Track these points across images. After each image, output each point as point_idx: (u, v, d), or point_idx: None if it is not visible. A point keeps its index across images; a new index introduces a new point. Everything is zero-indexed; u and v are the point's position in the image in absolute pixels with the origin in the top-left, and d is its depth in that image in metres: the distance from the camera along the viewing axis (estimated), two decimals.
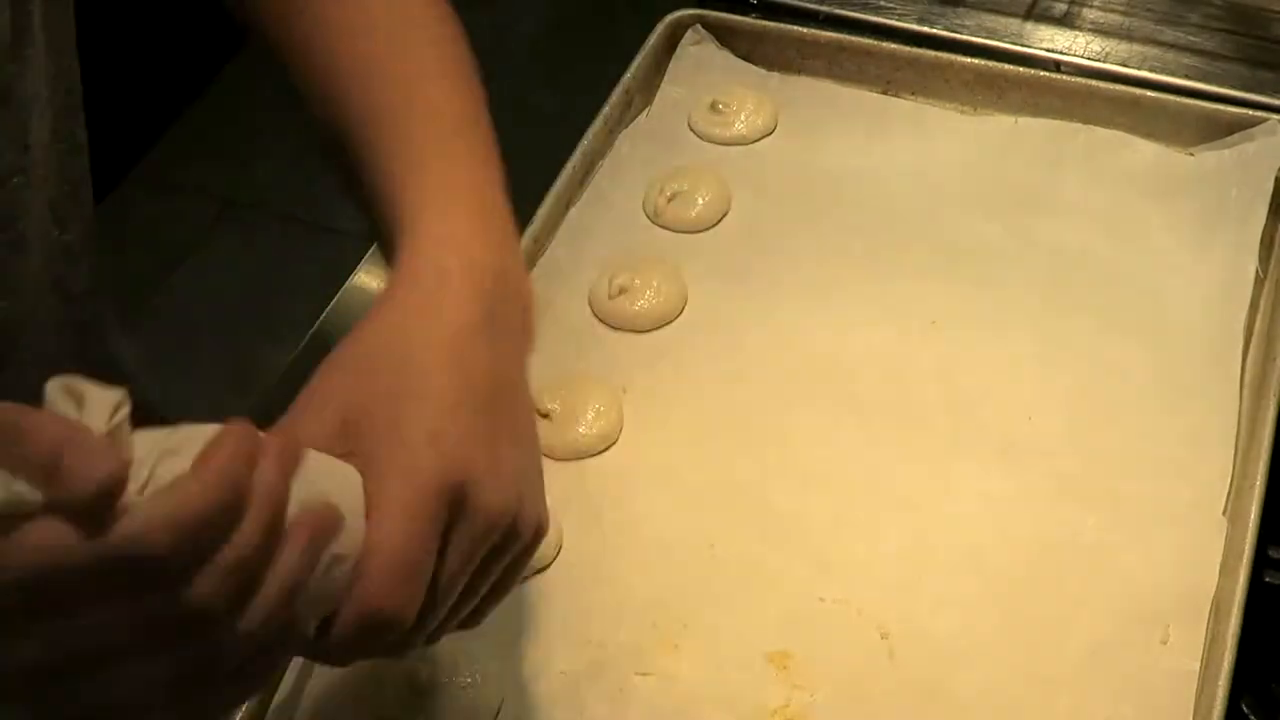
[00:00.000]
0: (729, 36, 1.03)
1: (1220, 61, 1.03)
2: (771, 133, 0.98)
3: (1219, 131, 0.93)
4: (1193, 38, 1.05)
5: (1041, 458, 0.78)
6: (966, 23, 1.07)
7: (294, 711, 0.70)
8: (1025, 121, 0.97)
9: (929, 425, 0.80)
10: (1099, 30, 1.07)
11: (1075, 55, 1.04)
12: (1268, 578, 0.75)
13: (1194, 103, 0.94)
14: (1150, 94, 0.95)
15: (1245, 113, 0.93)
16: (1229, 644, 0.67)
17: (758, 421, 0.81)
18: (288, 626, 0.48)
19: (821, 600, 0.73)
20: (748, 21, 1.03)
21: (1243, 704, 0.71)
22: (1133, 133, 0.94)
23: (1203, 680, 0.68)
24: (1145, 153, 0.94)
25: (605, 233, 0.92)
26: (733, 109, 0.98)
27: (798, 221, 0.92)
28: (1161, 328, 0.84)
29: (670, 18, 1.02)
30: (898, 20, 1.07)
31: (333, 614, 0.50)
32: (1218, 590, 0.71)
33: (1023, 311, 0.85)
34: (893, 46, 1.01)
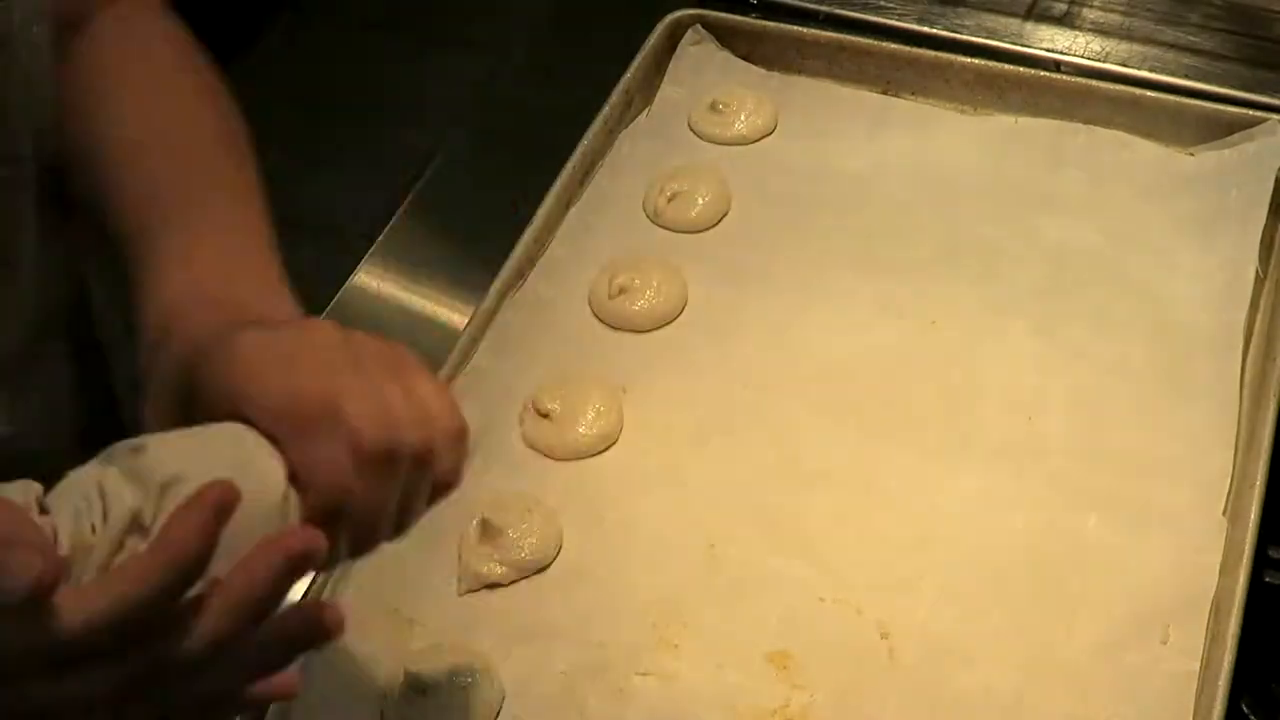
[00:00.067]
0: (729, 36, 1.03)
1: (1220, 61, 1.03)
2: (771, 133, 0.98)
3: (1219, 131, 0.93)
4: (1193, 38, 1.06)
5: (1041, 458, 0.78)
6: (966, 23, 1.07)
7: (294, 712, 0.70)
8: (1025, 121, 0.97)
9: (929, 425, 0.80)
10: (1099, 30, 1.07)
11: (1075, 55, 1.04)
12: (1268, 578, 0.75)
13: (1194, 103, 0.95)
14: (1150, 94, 0.95)
15: (1245, 113, 0.93)
16: (1229, 644, 0.67)
17: (758, 421, 0.81)
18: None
19: (821, 600, 0.73)
20: (748, 21, 1.03)
21: (1243, 704, 0.71)
22: (1133, 133, 0.94)
23: (1203, 680, 0.68)
24: (1145, 153, 0.94)
25: (605, 233, 0.92)
26: (733, 109, 0.98)
27: (798, 221, 0.92)
28: (1161, 328, 0.84)
29: (670, 18, 1.02)
30: (897, 20, 1.07)
31: None
32: (1218, 590, 0.71)
33: (1023, 312, 0.85)
34: (893, 46, 1.01)
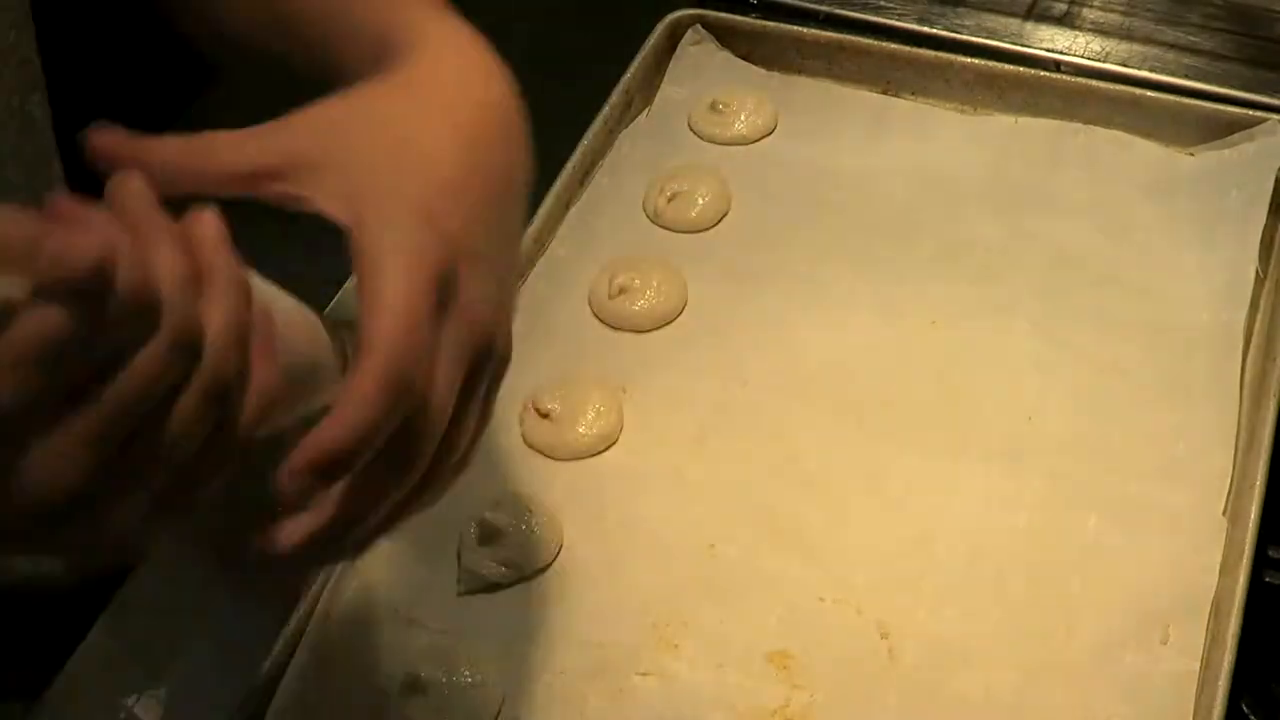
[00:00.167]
0: (729, 36, 1.03)
1: (1220, 61, 1.03)
2: (771, 133, 0.98)
3: (1219, 131, 0.93)
4: (1193, 38, 1.05)
5: (1041, 458, 0.78)
6: (966, 23, 1.07)
7: (294, 712, 0.70)
8: (1025, 121, 0.97)
9: (929, 425, 0.80)
10: (1099, 30, 1.07)
11: (1075, 55, 1.04)
12: (1268, 578, 0.75)
13: (1194, 103, 0.94)
14: (1150, 94, 0.95)
15: (1245, 113, 0.93)
16: (1229, 644, 0.67)
17: (758, 421, 0.81)
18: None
19: (821, 600, 0.73)
20: (748, 21, 1.03)
21: (1243, 704, 0.71)
22: (1133, 133, 0.94)
23: (1203, 680, 0.68)
24: (1145, 153, 0.94)
25: (605, 233, 0.92)
26: (733, 109, 0.98)
27: (798, 221, 0.92)
28: (1161, 328, 0.84)
29: (670, 18, 1.02)
30: (897, 20, 1.07)
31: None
32: (1218, 590, 0.71)
33: (1023, 311, 0.85)
34: (892, 46, 1.01)
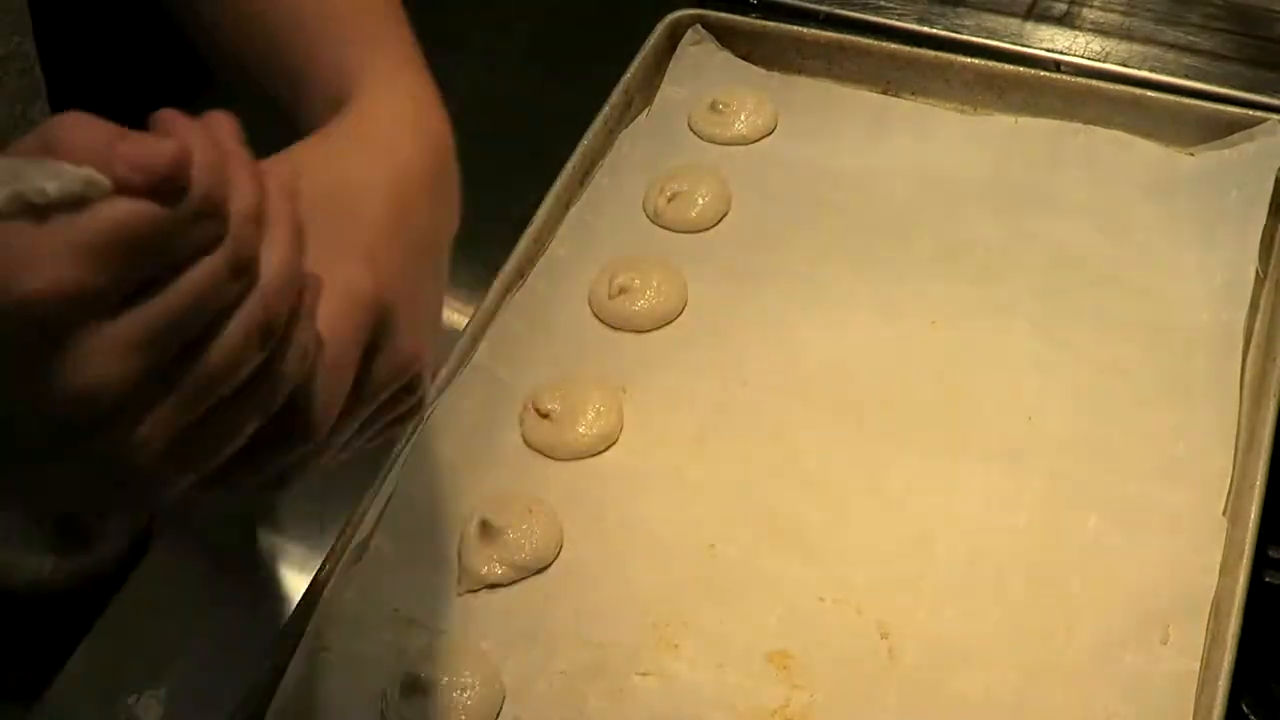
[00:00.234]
0: (729, 36, 1.03)
1: (1220, 61, 1.03)
2: (771, 133, 0.98)
3: (1219, 131, 0.93)
4: (1193, 38, 1.05)
5: (1041, 458, 0.78)
6: (966, 23, 1.07)
7: (294, 712, 0.70)
8: (1025, 121, 0.96)
9: (929, 425, 0.80)
10: (1099, 30, 1.07)
11: (1075, 55, 1.04)
12: (1268, 578, 0.75)
13: (1194, 103, 0.94)
14: (1150, 94, 0.95)
15: (1245, 113, 0.93)
16: (1229, 644, 0.67)
17: (758, 421, 0.81)
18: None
19: (821, 600, 0.73)
20: (748, 21, 1.03)
21: (1243, 704, 0.71)
22: (1133, 133, 0.94)
23: (1203, 680, 0.68)
24: (1145, 153, 0.93)
25: (605, 233, 0.92)
26: (733, 109, 0.98)
27: (798, 221, 0.92)
28: (1161, 328, 0.84)
29: (670, 18, 1.02)
30: (897, 20, 1.07)
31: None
32: (1218, 590, 0.71)
33: (1022, 311, 0.85)
34: (892, 46, 1.01)
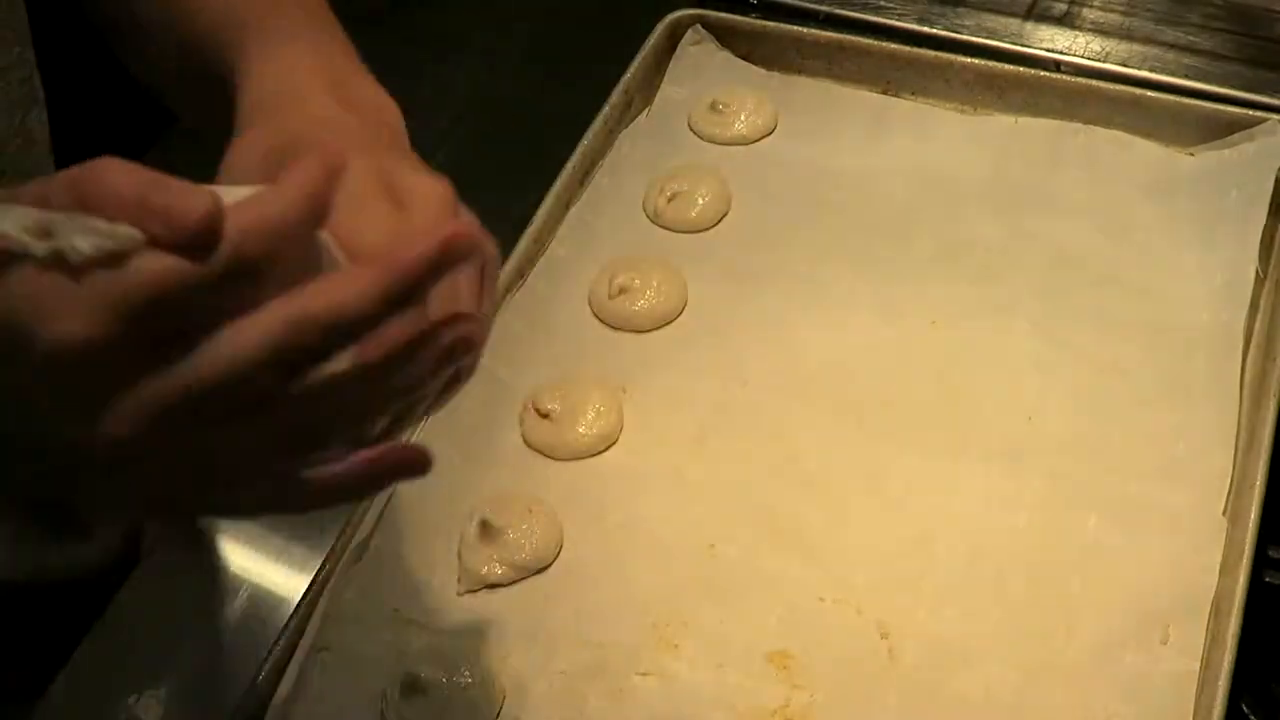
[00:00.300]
0: (729, 36, 1.03)
1: (1220, 61, 1.03)
2: (771, 133, 0.98)
3: (1219, 131, 0.93)
4: (1193, 38, 1.05)
5: (1041, 458, 0.78)
6: (966, 23, 1.07)
7: (294, 712, 0.70)
8: (1025, 121, 0.97)
9: (929, 425, 0.80)
10: (1099, 30, 1.07)
11: (1075, 55, 1.04)
12: (1268, 578, 0.75)
13: (1194, 103, 0.94)
14: (1150, 94, 0.95)
15: (1245, 113, 0.93)
16: (1229, 644, 0.67)
17: (758, 421, 0.81)
18: None
19: (821, 600, 0.73)
20: (748, 21, 1.03)
21: (1243, 704, 0.71)
22: (1133, 133, 0.94)
23: (1203, 680, 0.68)
24: (1145, 153, 0.93)
25: (605, 233, 0.92)
26: (733, 109, 0.98)
27: (798, 221, 0.92)
28: (1161, 328, 0.84)
29: (670, 18, 1.02)
30: (897, 20, 1.07)
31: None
32: (1218, 590, 0.71)
33: (1023, 311, 0.85)
34: (892, 46, 1.01)
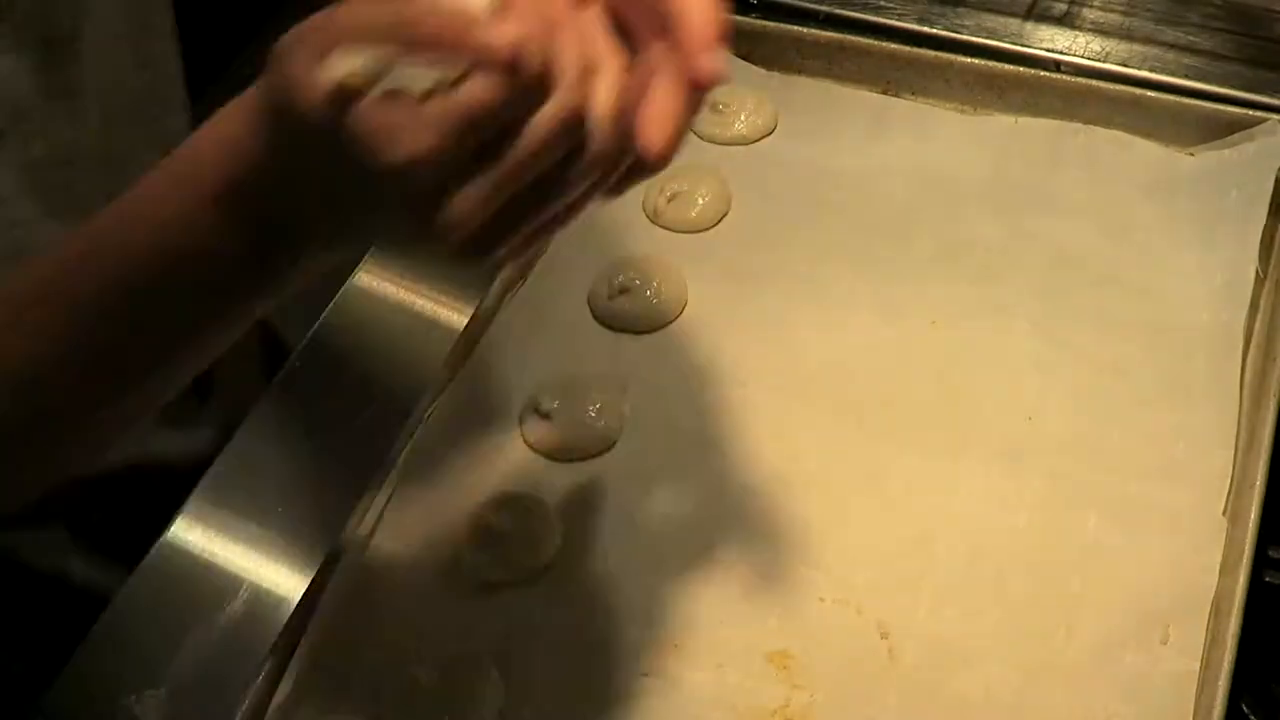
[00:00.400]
0: (729, 36, 1.02)
1: (1220, 61, 1.03)
2: (771, 133, 0.98)
3: (1219, 131, 0.93)
4: (1193, 38, 1.05)
5: (1041, 458, 0.78)
6: (966, 23, 1.07)
7: (294, 711, 0.70)
8: (1025, 121, 0.96)
9: (929, 425, 0.80)
10: (1099, 30, 1.07)
11: (1075, 55, 1.04)
12: (1268, 578, 0.75)
13: (1194, 103, 0.94)
14: (1150, 94, 0.95)
15: (1245, 113, 0.93)
16: (1229, 644, 0.67)
17: (758, 421, 0.81)
18: None
19: (821, 600, 0.73)
20: (748, 21, 1.03)
21: (1243, 704, 0.71)
22: (1133, 133, 0.94)
23: (1203, 680, 0.68)
24: (1145, 153, 0.93)
25: (605, 233, 0.92)
26: (733, 109, 0.98)
27: (798, 221, 0.92)
28: (1161, 328, 0.84)
29: None
30: (897, 20, 1.07)
31: None
32: (1218, 590, 0.71)
33: (1022, 311, 0.85)
34: (892, 46, 1.01)
